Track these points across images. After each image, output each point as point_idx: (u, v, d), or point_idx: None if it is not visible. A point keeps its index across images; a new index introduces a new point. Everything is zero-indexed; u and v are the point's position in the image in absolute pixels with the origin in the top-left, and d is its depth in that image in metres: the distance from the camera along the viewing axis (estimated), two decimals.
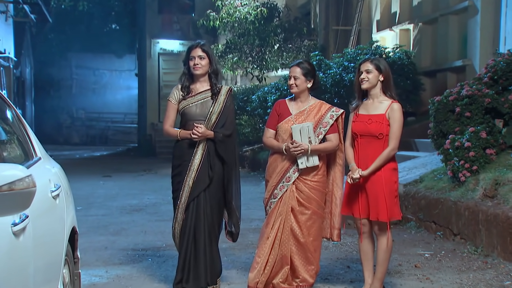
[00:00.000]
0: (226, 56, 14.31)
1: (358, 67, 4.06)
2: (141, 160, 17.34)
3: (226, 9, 14.02)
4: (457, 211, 5.54)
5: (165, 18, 20.34)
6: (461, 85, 6.39)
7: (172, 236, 4.26)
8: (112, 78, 28.39)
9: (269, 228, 4.10)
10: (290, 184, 4.05)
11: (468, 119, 6.09)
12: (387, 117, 3.93)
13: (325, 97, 9.94)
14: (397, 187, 4.01)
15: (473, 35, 9.23)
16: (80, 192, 9.96)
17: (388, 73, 4.01)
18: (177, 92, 4.22)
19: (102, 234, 6.44)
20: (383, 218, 3.92)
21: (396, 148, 3.93)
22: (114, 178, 12.48)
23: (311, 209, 4.07)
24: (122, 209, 8.26)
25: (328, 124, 4.07)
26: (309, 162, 4.02)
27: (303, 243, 4.06)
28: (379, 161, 3.89)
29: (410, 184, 6.59)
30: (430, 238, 5.88)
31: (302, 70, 4.11)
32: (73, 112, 27.61)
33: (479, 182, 5.50)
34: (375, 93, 4.00)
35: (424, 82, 10.41)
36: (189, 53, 4.21)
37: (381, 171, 3.91)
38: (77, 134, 27.04)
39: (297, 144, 3.97)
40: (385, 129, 3.91)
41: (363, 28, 12.75)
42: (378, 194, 3.92)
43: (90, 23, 25.20)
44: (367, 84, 3.98)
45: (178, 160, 4.19)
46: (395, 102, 3.97)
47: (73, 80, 28.04)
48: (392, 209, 3.94)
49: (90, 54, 27.07)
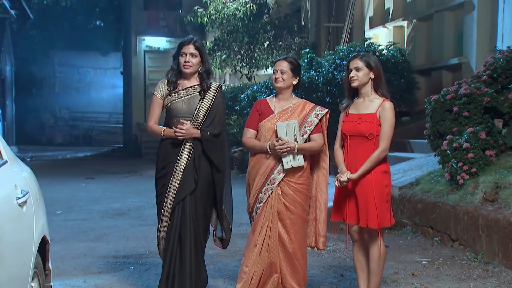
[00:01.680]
0: (214, 54, 14.20)
1: (347, 64, 3.91)
2: (126, 161, 17.14)
3: (214, 5, 13.91)
4: (455, 216, 5.39)
5: (151, 14, 20.18)
6: (459, 84, 6.26)
7: (157, 242, 4.07)
8: (97, 77, 28.17)
9: (257, 234, 3.94)
10: (275, 187, 3.91)
11: (466, 119, 5.96)
12: (378, 116, 3.79)
13: (317, 96, 9.86)
14: (388, 191, 3.85)
15: (469, 32, 9.13)
16: (61, 195, 9.81)
17: (379, 70, 3.85)
18: (163, 87, 4.04)
19: (81, 241, 6.25)
20: (373, 224, 3.77)
21: (387, 150, 3.78)
22: (97, 180, 12.28)
23: (296, 213, 3.93)
24: (104, 213, 8.08)
25: (313, 123, 3.95)
26: (295, 162, 3.87)
27: (290, 249, 3.92)
28: (369, 163, 3.75)
29: (406, 187, 6.45)
30: (427, 244, 5.73)
31: (290, 65, 3.98)
32: (56, 111, 27.35)
33: (479, 185, 5.36)
34: (366, 91, 3.85)
35: (419, 81, 10.32)
36: (180, 48, 4.03)
37: (371, 174, 3.77)
38: (60, 134, 26.77)
39: (283, 141, 3.83)
40: (376, 129, 3.77)
41: (355, 25, 12.63)
42: (367, 199, 3.77)
43: (74, 19, 24.92)
44: (357, 82, 3.84)
45: (162, 161, 4.01)
46: (387, 100, 3.83)
47: (56, 79, 27.79)
48: (383, 215, 3.78)
49: (73, 52, 26.82)
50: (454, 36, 9.88)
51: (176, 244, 3.94)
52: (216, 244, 4.20)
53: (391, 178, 3.91)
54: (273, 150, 3.87)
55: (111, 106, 27.48)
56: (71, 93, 27.64)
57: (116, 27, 24.07)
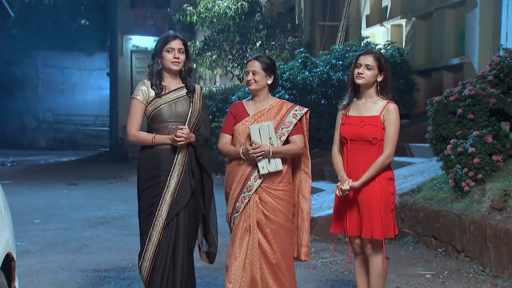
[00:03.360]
0: (204, 54, 14.09)
1: (356, 57, 3.70)
2: (112, 166, 16.92)
3: (204, 3, 13.78)
4: (461, 226, 5.19)
5: (138, 12, 20.01)
6: (463, 84, 6.08)
7: (139, 266, 3.71)
8: (82, 78, 27.99)
9: (236, 246, 3.73)
10: (252, 194, 3.72)
11: (471, 121, 5.79)
12: (382, 119, 3.59)
13: (311, 98, 9.71)
14: (393, 199, 3.68)
15: (471, 31, 8.99)
16: (41, 202, 9.59)
17: (388, 73, 3.68)
18: (146, 90, 3.74)
19: (60, 252, 6.01)
20: (378, 235, 3.57)
21: (392, 155, 3.59)
22: (80, 186, 12.05)
23: (276, 222, 3.71)
24: (86, 222, 7.84)
25: (291, 124, 3.74)
26: (271, 166, 3.67)
27: (273, 260, 3.70)
28: (373, 170, 3.55)
29: (407, 194, 6.25)
30: (430, 255, 5.52)
31: (262, 65, 3.78)
32: (39, 114, 27.13)
33: (486, 192, 5.17)
34: (369, 92, 3.66)
35: (418, 82, 10.21)
36: (165, 44, 3.76)
37: (375, 182, 3.58)
38: (43, 138, 26.51)
39: (256, 145, 3.64)
40: (380, 133, 3.57)
41: (351, 24, 12.52)
42: (372, 208, 3.57)
43: (58, 18, 24.71)
44: (363, 80, 3.63)
45: (152, 171, 3.70)
46: (391, 102, 3.64)
47: (39, 80, 27.59)
48: (387, 226, 3.60)
49: (57, 52, 26.64)
50: (455, 35, 9.72)
51: (169, 265, 3.68)
52: (203, 259, 3.96)
53: (394, 185, 3.70)
54: (246, 155, 3.68)
55: (97, 108, 27.25)
56: (55, 95, 27.44)
57: (102, 26, 23.89)
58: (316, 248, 5.94)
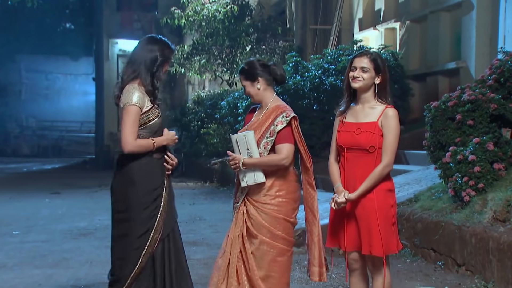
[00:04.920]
0: (192, 58, 14.03)
1: (351, 60, 3.50)
2: (97, 173, 16.67)
3: (192, 6, 13.73)
4: (461, 238, 5.01)
5: (124, 16, 19.85)
6: (462, 89, 5.92)
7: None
8: (67, 83, 27.78)
9: (219, 256, 3.63)
10: (240, 205, 3.60)
11: (470, 128, 5.61)
12: (380, 125, 3.39)
13: (303, 103, 9.58)
14: (394, 212, 3.47)
15: (467, 34, 8.89)
16: (21, 212, 9.34)
17: (386, 75, 3.48)
18: (142, 97, 3.45)
19: (38, 267, 5.77)
20: (378, 251, 3.37)
21: (391, 164, 3.40)
22: (63, 195, 11.79)
23: (259, 238, 3.51)
24: (67, 233, 7.60)
25: (274, 132, 3.52)
26: (249, 179, 3.50)
27: (251, 278, 3.51)
28: (370, 180, 3.36)
29: (404, 204, 6.07)
30: (429, 268, 5.33)
31: (243, 76, 3.66)
32: (23, 120, 26.89)
33: (487, 202, 4.99)
34: (367, 97, 3.46)
35: (413, 87, 10.14)
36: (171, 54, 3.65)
37: (373, 193, 3.39)
38: (27, 145, 26.23)
39: (230, 157, 3.56)
40: (378, 141, 3.38)
41: (344, 28, 12.42)
42: (370, 222, 3.38)
43: (42, 21, 24.48)
44: (360, 83, 3.43)
45: (153, 181, 3.49)
46: (390, 107, 3.44)
47: (23, 85, 27.36)
48: (388, 240, 3.40)
49: (41, 56, 26.43)
50: (451, 38, 9.62)
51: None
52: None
53: (395, 196, 3.50)
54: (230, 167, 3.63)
55: (82, 114, 27.02)
56: (38, 101, 27.23)
57: (88, 30, 23.74)
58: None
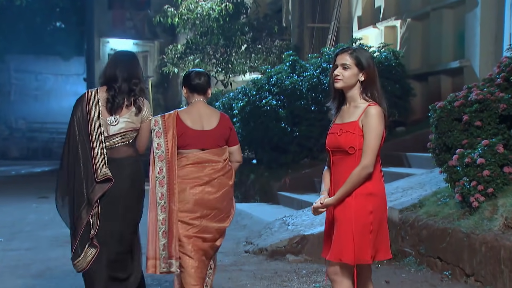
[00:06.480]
0: (186, 58, 13.94)
1: (334, 58, 3.31)
2: None
3: (186, 4, 13.64)
4: (470, 246, 4.79)
5: (116, 14, 19.69)
6: (469, 88, 5.71)
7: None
8: (58, 83, 27.61)
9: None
10: None
11: (478, 129, 5.41)
12: (360, 125, 3.18)
13: (301, 104, 9.41)
14: (373, 219, 3.17)
15: (471, 32, 8.72)
16: (6, 218, 9.10)
17: (371, 71, 3.21)
18: None
19: (20, 276, 5.54)
20: (348, 258, 3.14)
21: (370, 166, 3.14)
22: (51, 199, 11.22)
23: None
24: (54, 241, 7.36)
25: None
26: None
27: None
28: (348, 184, 3.16)
29: (408, 209, 5.84)
30: (435, 278, 5.11)
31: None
32: (12, 122, 26.72)
33: (498, 208, 4.77)
34: (352, 95, 3.26)
35: (414, 87, 9.97)
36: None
37: (351, 197, 3.17)
38: (16, 147, 26.03)
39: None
40: (358, 141, 3.17)
41: (342, 26, 12.26)
42: (345, 227, 3.15)
43: (31, 20, 24.30)
44: (341, 83, 3.24)
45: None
46: (373, 105, 3.18)
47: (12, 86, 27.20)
48: (362, 249, 3.14)
49: (31, 56, 26.26)
50: (454, 36, 9.46)
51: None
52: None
53: (381, 201, 3.24)
54: None
55: None
56: (28, 102, 27.05)
57: (79, 29, 23.58)
58: (308, 270, 5.51)
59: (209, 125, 3.92)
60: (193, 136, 3.87)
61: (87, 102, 3.87)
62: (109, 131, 3.85)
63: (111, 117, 3.85)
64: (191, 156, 3.86)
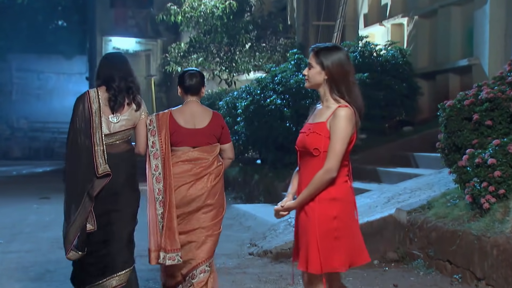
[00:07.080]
0: (189, 56, 13.95)
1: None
2: None
3: (189, 2, 13.67)
4: (481, 249, 4.69)
5: (118, 12, 19.72)
6: (479, 86, 5.63)
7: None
8: (60, 82, 27.59)
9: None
10: None
11: (489, 129, 5.33)
12: (328, 126, 3.09)
13: (306, 103, 9.30)
14: (336, 225, 3.07)
15: (480, 29, 8.66)
16: (6, 219, 9.02)
17: (334, 69, 3.10)
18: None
19: (18, 280, 5.47)
20: (314, 268, 3.06)
21: (333, 170, 3.05)
22: (52, 200, 11.43)
23: None
24: (54, 242, 7.26)
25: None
26: None
27: None
28: (310, 187, 3.09)
29: (416, 211, 5.74)
30: (445, 282, 5.01)
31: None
32: (13, 121, 26.71)
33: (510, 210, 4.68)
34: (323, 95, 3.19)
35: (422, 86, 9.96)
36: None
37: (315, 202, 3.09)
38: (18, 147, 25.99)
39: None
40: (323, 143, 3.08)
41: (348, 24, 12.23)
42: (308, 234, 3.08)
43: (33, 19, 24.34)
44: (307, 83, 3.25)
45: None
46: (343, 106, 3.08)
47: (14, 85, 27.18)
48: (328, 256, 3.05)
49: (33, 55, 26.24)
50: (462, 34, 9.42)
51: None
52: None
53: (347, 206, 3.14)
54: None
55: None
56: (30, 101, 27.01)
57: (82, 28, 23.60)
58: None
59: (201, 124, 4.11)
60: (185, 134, 4.07)
61: (88, 100, 4.01)
62: (111, 129, 4.02)
63: (113, 116, 4.02)
64: (182, 154, 4.07)
